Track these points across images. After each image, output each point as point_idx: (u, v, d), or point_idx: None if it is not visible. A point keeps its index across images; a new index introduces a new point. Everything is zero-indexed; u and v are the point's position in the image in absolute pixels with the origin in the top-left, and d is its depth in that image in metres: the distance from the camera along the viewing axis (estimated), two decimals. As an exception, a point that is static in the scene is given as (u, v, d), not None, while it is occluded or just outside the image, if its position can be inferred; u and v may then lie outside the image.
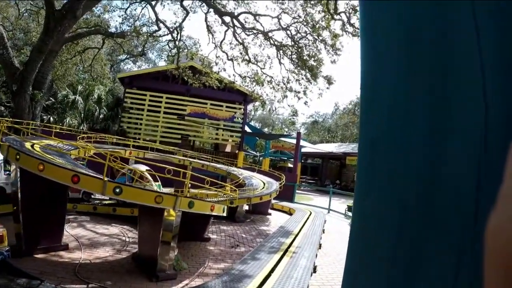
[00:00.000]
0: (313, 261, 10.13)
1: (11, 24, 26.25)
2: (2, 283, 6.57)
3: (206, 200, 9.66)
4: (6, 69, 18.41)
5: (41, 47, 16.73)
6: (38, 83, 17.75)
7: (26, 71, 16.98)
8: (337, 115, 62.89)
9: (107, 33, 22.15)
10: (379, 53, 1.03)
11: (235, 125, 33.35)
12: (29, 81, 17.06)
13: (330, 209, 22.54)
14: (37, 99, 17.68)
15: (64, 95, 31.70)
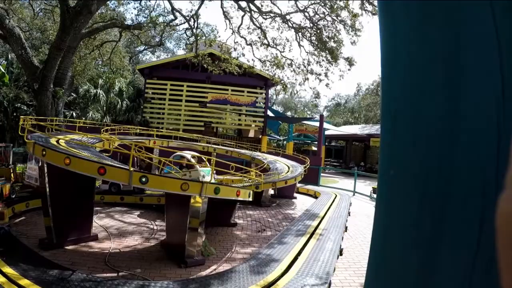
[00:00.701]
0: (339, 244, 10.12)
1: (27, 25, 26.49)
2: (35, 275, 6.69)
3: (232, 186, 9.67)
4: (26, 69, 18.59)
5: (59, 45, 16.85)
6: (59, 80, 17.91)
7: (46, 69, 17.13)
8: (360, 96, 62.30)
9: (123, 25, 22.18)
10: (396, 27, 1.03)
11: (257, 110, 33.28)
12: (50, 79, 17.22)
13: (355, 192, 22.48)
14: (59, 96, 17.86)
15: (85, 90, 32.01)
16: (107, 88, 32.87)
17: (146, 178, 7.85)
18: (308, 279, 7.29)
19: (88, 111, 31.73)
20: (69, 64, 18.96)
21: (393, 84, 1.05)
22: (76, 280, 6.68)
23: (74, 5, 16.73)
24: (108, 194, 15.23)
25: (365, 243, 11.58)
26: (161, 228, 12.11)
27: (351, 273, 8.88)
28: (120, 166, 8.56)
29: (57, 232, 9.47)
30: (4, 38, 19.00)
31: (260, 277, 7.33)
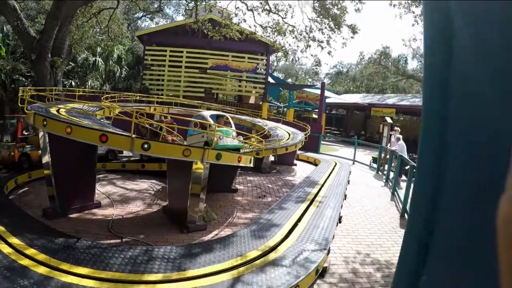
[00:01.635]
0: (338, 211, 10.22)
1: None
2: (40, 244, 6.77)
3: (233, 152, 9.69)
4: (23, 40, 18.36)
5: (55, 14, 16.63)
6: (56, 49, 17.74)
7: (43, 39, 16.95)
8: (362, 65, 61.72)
9: (121, -9, 21.93)
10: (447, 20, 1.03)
11: (258, 76, 33.11)
12: (48, 49, 17.06)
13: (355, 161, 22.52)
14: (57, 65, 17.73)
15: (83, 58, 31.74)
16: (105, 56, 32.61)
17: (148, 144, 7.87)
18: (308, 245, 7.40)
19: (87, 80, 31.56)
20: (66, 33, 18.75)
21: (446, 89, 1.05)
22: (81, 247, 6.78)
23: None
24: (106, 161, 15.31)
25: (363, 211, 11.74)
26: (162, 194, 12.23)
27: (349, 241, 9.01)
28: (122, 133, 8.58)
29: (60, 201, 9.55)
30: None
31: (261, 242, 7.44)
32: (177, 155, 8.22)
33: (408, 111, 40.93)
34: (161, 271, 6.06)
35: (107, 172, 14.84)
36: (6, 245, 6.69)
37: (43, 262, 6.08)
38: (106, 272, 5.87)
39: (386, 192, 15.01)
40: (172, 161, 9.40)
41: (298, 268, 6.40)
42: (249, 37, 23.21)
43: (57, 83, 18.20)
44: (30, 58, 17.65)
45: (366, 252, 8.45)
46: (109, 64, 32.37)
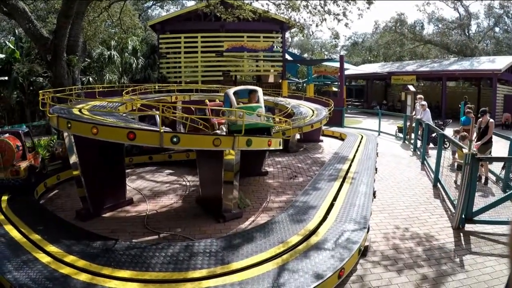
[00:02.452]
0: (372, 186, 10.04)
1: None
2: (79, 249, 6.72)
3: (262, 136, 9.53)
4: (36, 42, 18.31)
5: (66, 12, 16.49)
6: (71, 47, 17.67)
7: (57, 38, 16.85)
8: (378, 34, 60.76)
9: (129, -17, 21.75)
10: None
11: (275, 54, 32.90)
12: (62, 48, 16.98)
13: (380, 131, 22.17)
14: (73, 64, 17.69)
15: (99, 53, 31.70)
16: (120, 49, 32.54)
17: (178, 138, 7.72)
18: (347, 225, 7.25)
19: (104, 74, 31.55)
20: (79, 30, 18.67)
21: None
22: (120, 249, 6.72)
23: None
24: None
25: (396, 183, 11.57)
26: (193, 184, 12.16)
27: (386, 216, 8.88)
28: (150, 129, 8.48)
29: (93, 201, 9.52)
30: (8, 14, 18.73)
31: (301, 226, 7.32)
32: (207, 145, 8.13)
33: (428, 77, 40.47)
34: (204, 266, 5.96)
35: (135, 166, 14.82)
36: (44, 254, 6.64)
37: (84, 268, 6.02)
38: (149, 273, 5.79)
39: (415, 162, 14.76)
40: (202, 150, 9.27)
41: (341, 250, 6.27)
42: (262, 16, 22.91)
43: (75, 81, 18.20)
44: (46, 59, 17.62)
45: (404, 226, 8.32)
46: (125, 56, 32.30)
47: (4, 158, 10.94)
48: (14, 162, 11.14)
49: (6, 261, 6.36)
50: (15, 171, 11.02)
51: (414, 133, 17.27)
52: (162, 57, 31.19)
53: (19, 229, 7.96)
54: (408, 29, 50.44)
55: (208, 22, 30.70)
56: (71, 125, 8.43)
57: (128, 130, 7.82)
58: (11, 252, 6.77)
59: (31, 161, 12.01)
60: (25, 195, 10.73)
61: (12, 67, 30.23)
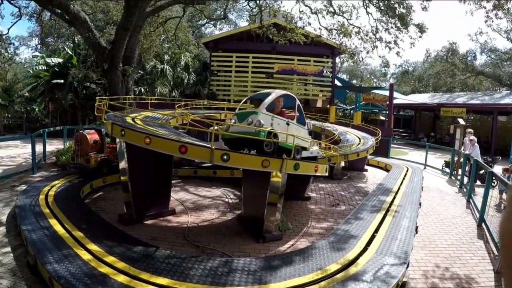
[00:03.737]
0: (415, 221, 9.87)
1: (90, 8, 27.05)
2: (119, 252, 6.91)
3: (310, 161, 9.57)
4: (94, 50, 19.09)
5: (125, 25, 17.13)
6: (127, 58, 18.32)
7: (114, 49, 17.51)
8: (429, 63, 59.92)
9: (187, 1, 22.20)
10: None
11: (324, 79, 32.94)
12: (119, 58, 17.64)
13: (426, 165, 21.81)
14: (128, 74, 18.28)
15: (152, 66, 32.58)
16: (173, 63, 33.31)
17: (228, 155, 7.88)
18: (387, 258, 7.17)
19: (156, 86, 32.34)
20: (136, 42, 19.29)
21: None
22: (160, 257, 6.84)
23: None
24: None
25: (439, 220, 11.31)
26: (236, 202, 12.29)
27: (426, 253, 8.69)
28: (201, 144, 8.64)
29: (136, 208, 9.82)
30: (70, 22, 19.55)
31: (340, 255, 7.27)
32: (256, 166, 8.23)
33: (478, 110, 39.49)
34: (242, 284, 6.00)
35: (180, 178, 15.05)
36: (85, 251, 6.87)
37: (123, 270, 6.18)
38: (186, 284, 5.87)
39: (460, 199, 14.42)
40: (248, 169, 9.36)
41: (379, 283, 6.19)
42: (314, 40, 23.07)
43: (129, 91, 18.76)
44: (102, 67, 18.26)
45: (445, 265, 8.11)
46: (177, 71, 33.01)
47: (81, 147, 13.55)
48: (89, 152, 13.40)
49: (47, 253, 6.64)
50: (87, 159, 13.11)
51: (462, 169, 16.93)
52: (213, 74, 31.72)
53: (63, 224, 8.30)
54: (460, 59, 49.53)
55: (260, 43, 31.07)
56: (125, 133, 8.73)
57: (180, 144, 8.00)
58: (53, 245, 7.06)
59: (108, 155, 13.80)
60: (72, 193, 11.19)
61: (68, 71, 31.41)
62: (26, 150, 21.34)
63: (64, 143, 20.70)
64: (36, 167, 15.35)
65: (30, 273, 6.63)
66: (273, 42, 25.33)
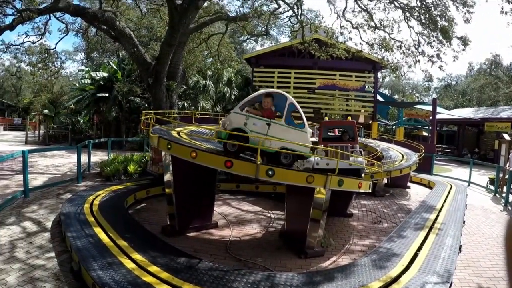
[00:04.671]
0: (459, 240, 9.70)
1: (134, 24, 27.73)
2: (163, 262, 7.04)
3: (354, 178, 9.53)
4: (139, 65, 19.59)
5: (170, 41, 17.52)
6: (171, 73, 18.75)
7: (159, 64, 17.94)
8: (472, 77, 58.87)
9: (229, 18, 22.53)
10: None
11: (366, 94, 32.78)
12: (163, 73, 18.06)
13: (470, 182, 21.37)
14: (172, 89, 18.68)
15: (195, 81, 33.15)
16: (216, 79, 33.80)
17: (273, 171, 7.94)
18: (430, 277, 7.08)
19: (198, 101, 32.81)
20: (180, 58, 19.70)
21: None
22: (203, 269, 6.94)
23: (181, 3, 17.25)
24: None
25: (483, 239, 11.01)
26: (278, 217, 12.34)
27: (470, 273, 8.47)
28: (247, 159, 8.77)
29: (180, 220, 9.99)
30: (115, 38, 20.23)
31: (382, 272, 7.23)
32: (300, 181, 8.25)
33: (524, 125, 38.30)
34: (284, 299, 6.07)
35: (222, 192, 15.22)
36: (129, 260, 7.03)
37: (166, 280, 6.29)
38: (229, 296, 5.97)
39: (505, 218, 14.04)
40: (292, 185, 9.34)
41: (421, 303, 6.16)
42: (355, 55, 23.01)
43: (173, 105, 19.14)
44: (147, 82, 18.68)
45: (488, 285, 7.90)
46: (219, 86, 33.45)
47: (156, 156, 14.62)
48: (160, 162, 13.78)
49: (92, 260, 6.84)
50: (158, 168, 14.17)
51: (507, 186, 16.54)
52: (255, 90, 31.96)
53: (107, 232, 8.53)
54: (504, 72, 48.31)
55: (302, 58, 31.23)
56: (171, 147, 8.88)
57: (226, 158, 8.11)
58: (98, 252, 7.26)
59: None
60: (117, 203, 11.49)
61: (113, 85, 32.25)
62: (70, 160, 21.98)
63: (108, 155, 21.21)
64: (81, 176, 15.79)
65: (73, 278, 6.82)
66: (314, 58, 25.41)
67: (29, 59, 24.01)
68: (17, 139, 38.35)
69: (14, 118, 62.85)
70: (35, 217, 10.51)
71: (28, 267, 7.25)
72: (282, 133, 8.85)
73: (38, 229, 9.60)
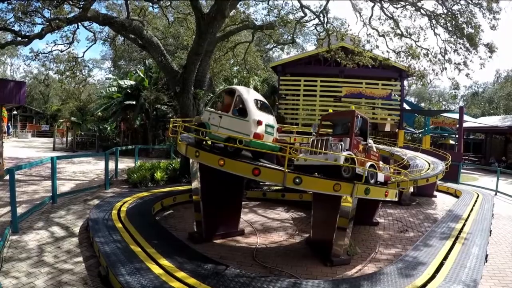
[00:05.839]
0: (485, 249, 9.62)
1: (161, 33, 28.02)
2: (190, 268, 7.17)
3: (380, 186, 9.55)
4: (167, 74, 19.85)
5: (197, 50, 17.72)
6: (198, 82, 18.90)
7: (186, 73, 18.16)
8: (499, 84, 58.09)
9: (256, 27, 22.63)
10: None
11: (392, 102, 32.59)
12: (191, 82, 18.27)
13: (497, 191, 21.13)
14: (199, 97, 18.85)
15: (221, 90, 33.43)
16: (242, 87, 33.99)
17: (300, 179, 8.04)
18: (455, 286, 7.06)
19: (225, 109, 33.04)
20: (207, 67, 19.88)
21: None
22: (230, 275, 7.04)
23: (208, 12, 17.44)
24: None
25: (510, 249, 10.90)
26: (304, 225, 12.38)
27: (496, 282, 8.40)
28: (274, 167, 8.85)
29: (207, 227, 10.12)
30: (143, 47, 20.54)
31: (408, 281, 7.24)
32: (327, 189, 8.32)
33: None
34: (310, 306, 6.12)
35: (248, 200, 15.32)
36: (157, 266, 7.17)
37: (193, 286, 6.42)
38: (256, 302, 6.04)
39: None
40: (319, 193, 9.42)
41: (446, 311, 6.16)
42: (382, 63, 22.93)
43: (200, 113, 19.28)
44: (175, 90, 18.85)
45: (514, 295, 7.89)
46: (246, 94, 33.60)
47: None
48: None
49: (120, 265, 7.00)
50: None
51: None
52: (282, 98, 32.05)
53: (135, 238, 8.71)
54: (531, 79, 47.67)
55: (328, 67, 31.22)
56: (199, 154, 9.06)
57: (253, 166, 8.26)
58: (126, 258, 7.42)
59: None
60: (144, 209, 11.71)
61: (140, 93, 32.62)
62: (97, 166, 22.36)
63: (135, 162, 21.49)
64: (109, 183, 16.09)
65: (101, 282, 7.03)
66: (340, 66, 25.43)
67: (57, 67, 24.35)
68: (44, 145, 39.08)
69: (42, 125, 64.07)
70: (63, 223, 10.79)
71: (56, 271, 7.47)
72: (229, 123, 9.58)
73: (66, 234, 9.87)
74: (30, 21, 18.72)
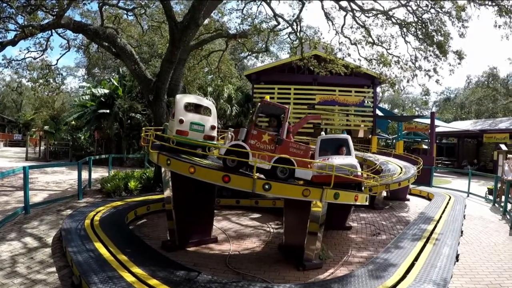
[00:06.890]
0: (456, 249, 9.80)
1: (136, 41, 27.89)
2: (162, 275, 7.16)
3: (350, 191, 9.67)
4: (140, 82, 19.77)
5: (170, 58, 17.69)
6: (172, 90, 18.82)
7: (160, 81, 18.10)
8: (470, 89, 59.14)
9: (230, 35, 22.70)
10: None
11: (365, 109, 32.97)
12: (164, 90, 18.21)
13: (469, 193, 21.56)
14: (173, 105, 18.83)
15: (180, 98, 33.34)
16: (216, 95, 33.99)
17: (269, 185, 8.14)
18: (425, 286, 7.18)
19: (199, 118, 32.97)
20: (180, 75, 19.88)
21: None
22: (202, 281, 7.05)
23: (181, 20, 17.43)
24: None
25: (481, 248, 11.15)
26: (277, 231, 12.45)
27: (467, 280, 8.57)
28: (244, 174, 8.92)
29: (180, 235, 10.12)
30: (116, 55, 20.45)
31: (379, 282, 7.33)
32: (296, 195, 8.41)
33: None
34: (281, 309, 6.17)
35: (221, 208, 15.29)
36: (129, 274, 7.13)
37: (165, 293, 6.37)
38: (227, 307, 6.07)
39: (504, 227, 14.15)
40: (290, 199, 9.53)
41: (417, 311, 6.27)
42: (354, 71, 23.19)
43: (170, 121, 19.26)
44: (148, 98, 18.77)
45: (485, 293, 8.05)
46: (220, 102, 33.62)
47: None
48: None
49: (93, 274, 6.94)
50: None
51: (505, 195, 16.64)
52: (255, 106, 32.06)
53: (108, 247, 8.63)
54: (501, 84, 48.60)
55: (302, 74, 31.46)
56: (171, 162, 9.08)
57: (223, 173, 8.31)
58: (98, 267, 7.36)
59: None
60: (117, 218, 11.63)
61: (114, 102, 32.38)
62: (71, 176, 22.09)
63: (109, 171, 21.34)
64: (82, 193, 15.92)
65: (74, 292, 6.94)
66: (314, 74, 25.62)
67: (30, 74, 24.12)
68: (17, 155, 38.42)
69: (15, 134, 62.84)
70: (36, 233, 10.65)
71: (29, 281, 7.38)
72: (170, 126, 10.99)
73: (39, 244, 9.74)
74: (3, 27, 18.54)
